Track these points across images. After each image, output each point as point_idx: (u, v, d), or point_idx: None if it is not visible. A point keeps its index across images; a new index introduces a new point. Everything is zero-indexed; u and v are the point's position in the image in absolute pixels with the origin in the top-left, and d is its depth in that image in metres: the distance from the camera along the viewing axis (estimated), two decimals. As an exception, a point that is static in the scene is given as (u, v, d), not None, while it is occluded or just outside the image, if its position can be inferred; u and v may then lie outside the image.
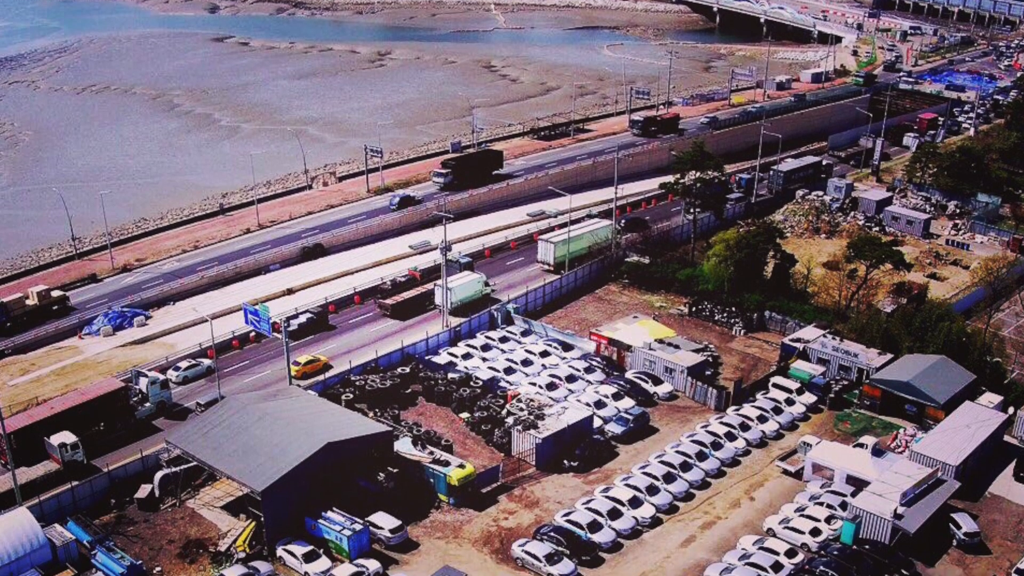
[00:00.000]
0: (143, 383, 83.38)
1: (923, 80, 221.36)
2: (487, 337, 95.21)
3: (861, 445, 77.65)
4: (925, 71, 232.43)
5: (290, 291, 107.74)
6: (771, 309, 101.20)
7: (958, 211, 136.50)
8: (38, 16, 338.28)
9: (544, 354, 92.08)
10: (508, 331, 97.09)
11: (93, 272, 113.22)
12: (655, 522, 70.16)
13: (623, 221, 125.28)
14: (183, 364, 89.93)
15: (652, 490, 72.25)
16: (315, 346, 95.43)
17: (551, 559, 64.53)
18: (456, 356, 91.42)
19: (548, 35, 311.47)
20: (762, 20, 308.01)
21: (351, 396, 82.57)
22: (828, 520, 68.92)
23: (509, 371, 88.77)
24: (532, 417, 78.39)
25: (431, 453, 73.99)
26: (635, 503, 70.64)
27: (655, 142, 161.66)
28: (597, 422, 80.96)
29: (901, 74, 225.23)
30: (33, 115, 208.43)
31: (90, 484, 71.01)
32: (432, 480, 72.11)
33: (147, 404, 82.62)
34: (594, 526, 68.00)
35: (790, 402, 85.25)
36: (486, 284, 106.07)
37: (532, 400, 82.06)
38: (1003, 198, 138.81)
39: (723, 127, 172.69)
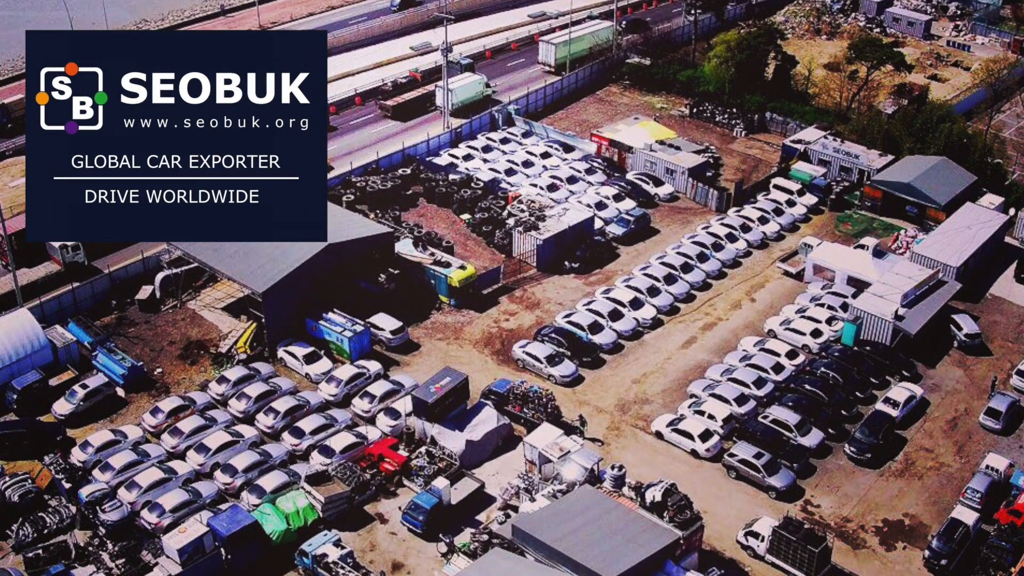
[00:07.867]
0: (144, 184, 76.91)
1: None
2: (488, 138, 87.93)
3: (862, 246, 71.68)
4: None
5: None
6: (772, 110, 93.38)
7: (959, 12, 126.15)
8: None
9: (545, 155, 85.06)
10: (509, 132, 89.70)
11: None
12: (656, 323, 65.03)
13: (624, 22, 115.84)
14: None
15: (653, 291, 66.81)
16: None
17: (552, 360, 59.75)
18: (457, 157, 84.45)
19: None
20: None
21: (352, 197, 76.04)
22: (829, 321, 63.75)
23: (510, 172, 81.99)
24: (533, 218, 72.21)
25: (432, 254, 68.16)
26: (636, 304, 65.30)
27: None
28: (598, 223, 74.76)
29: None
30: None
31: (91, 285, 65.44)
32: (433, 281, 66.57)
33: (148, 205, 76.36)
34: (595, 327, 62.85)
35: (791, 203, 78.81)
36: (487, 85, 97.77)
37: (533, 201, 75.72)
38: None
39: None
